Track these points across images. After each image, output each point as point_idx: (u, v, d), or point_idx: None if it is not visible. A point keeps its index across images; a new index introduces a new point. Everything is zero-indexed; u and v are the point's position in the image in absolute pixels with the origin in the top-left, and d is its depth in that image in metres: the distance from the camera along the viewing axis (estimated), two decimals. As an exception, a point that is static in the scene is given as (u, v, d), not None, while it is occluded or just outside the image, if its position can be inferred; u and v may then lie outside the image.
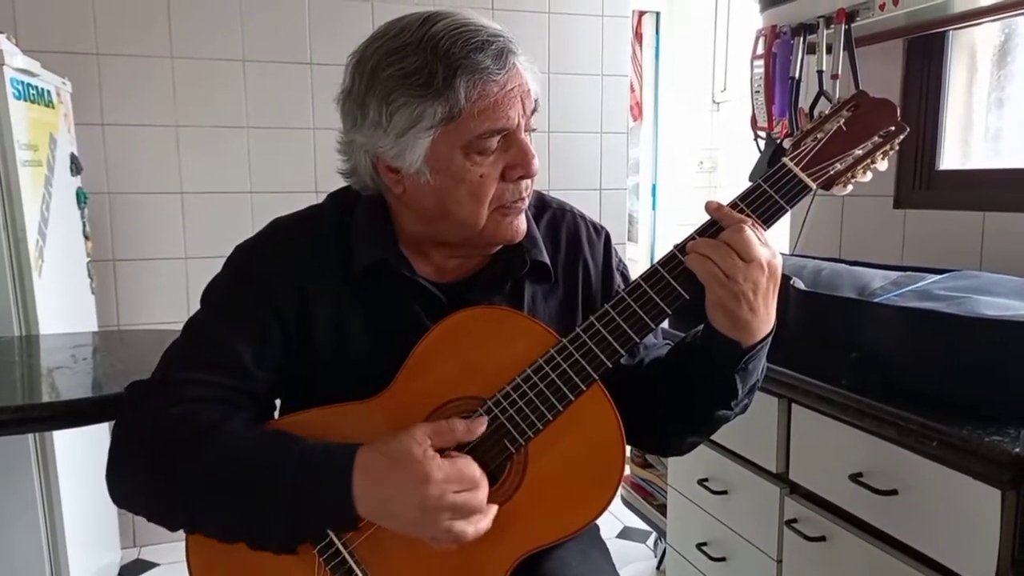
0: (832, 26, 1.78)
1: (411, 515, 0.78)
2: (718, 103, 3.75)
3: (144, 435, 0.85)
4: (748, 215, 0.85)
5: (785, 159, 0.88)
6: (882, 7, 1.65)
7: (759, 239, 0.82)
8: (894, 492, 1.18)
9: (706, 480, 1.69)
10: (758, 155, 2.01)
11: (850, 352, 1.26)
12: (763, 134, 2.00)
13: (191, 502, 0.82)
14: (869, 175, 0.90)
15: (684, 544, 1.83)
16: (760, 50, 1.93)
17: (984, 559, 1.04)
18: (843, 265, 1.56)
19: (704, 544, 1.72)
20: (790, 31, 1.88)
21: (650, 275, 0.86)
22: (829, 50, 1.81)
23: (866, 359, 1.24)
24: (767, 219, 0.86)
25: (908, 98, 1.88)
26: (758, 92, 1.95)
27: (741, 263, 0.80)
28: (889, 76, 1.89)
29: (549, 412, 0.85)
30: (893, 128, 0.89)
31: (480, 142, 0.84)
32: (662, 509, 2.12)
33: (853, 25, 1.74)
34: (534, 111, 0.89)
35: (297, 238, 0.94)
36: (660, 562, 2.44)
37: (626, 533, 2.70)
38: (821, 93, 1.81)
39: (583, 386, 0.85)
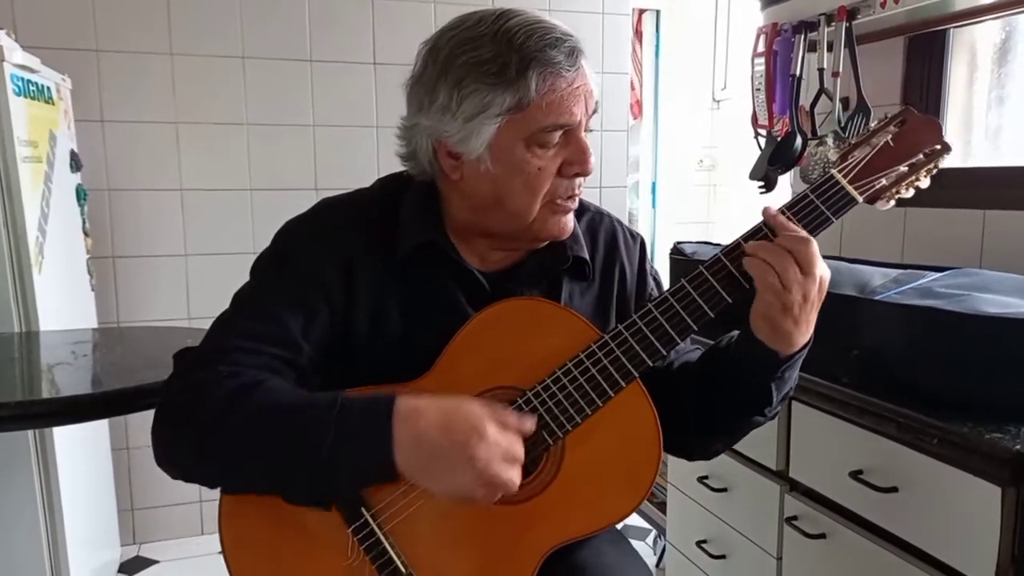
0: (833, 23, 1.77)
1: (450, 471, 0.78)
2: (718, 101, 3.74)
3: (193, 395, 0.85)
4: (795, 224, 0.85)
5: (833, 171, 0.89)
6: (883, 5, 1.65)
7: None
8: (894, 489, 1.18)
9: (706, 478, 1.69)
10: (758, 153, 2.01)
11: (850, 350, 1.26)
12: (764, 132, 1.99)
13: (236, 450, 0.82)
14: (912, 191, 0.91)
15: (684, 542, 1.83)
16: (761, 48, 1.93)
17: (984, 556, 1.04)
18: (843, 263, 1.56)
19: (704, 542, 1.72)
20: (791, 28, 1.87)
21: (694, 277, 0.87)
22: (830, 48, 1.80)
23: (866, 357, 1.24)
24: (812, 229, 0.87)
25: (909, 96, 1.88)
26: (759, 90, 1.95)
27: (800, 276, 0.81)
28: (890, 74, 1.89)
29: (588, 406, 0.86)
30: (939, 146, 0.89)
31: (543, 135, 0.86)
32: (662, 507, 2.12)
33: (854, 23, 1.74)
34: (594, 112, 0.91)
35: (345, 217, 0.96)
36: (660, 560, 2.44)
37: (625, 531, 2.70)
38: (822, 91, 1.81)
39: (623, 383, 0.86)
